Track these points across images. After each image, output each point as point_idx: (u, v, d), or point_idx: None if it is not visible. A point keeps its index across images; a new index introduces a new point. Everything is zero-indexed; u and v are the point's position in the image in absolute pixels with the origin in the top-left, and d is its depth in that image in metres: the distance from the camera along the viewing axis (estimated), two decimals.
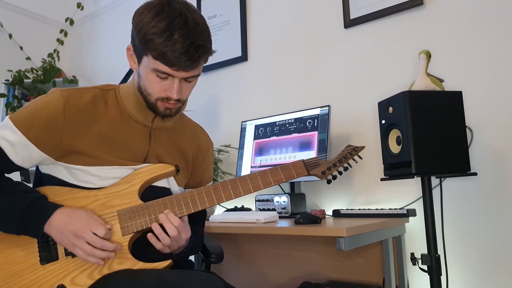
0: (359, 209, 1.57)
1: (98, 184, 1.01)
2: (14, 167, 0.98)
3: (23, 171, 1.13)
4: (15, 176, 1.05)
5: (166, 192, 1.10)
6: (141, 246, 1.02)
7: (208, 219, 1.57)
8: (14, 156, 0.96)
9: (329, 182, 1.08)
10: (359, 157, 1.14)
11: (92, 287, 0.95)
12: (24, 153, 0.96)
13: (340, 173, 1.08)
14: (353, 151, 1.10)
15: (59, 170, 1.01)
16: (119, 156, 1.03)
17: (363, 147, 1.12)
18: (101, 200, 1.00)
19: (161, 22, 0.93)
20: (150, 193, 1.06)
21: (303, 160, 1.07)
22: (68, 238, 0.93)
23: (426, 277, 1.56)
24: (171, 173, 1.08)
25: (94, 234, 0.93)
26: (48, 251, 0.96)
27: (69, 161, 0.99)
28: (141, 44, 0.96)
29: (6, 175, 1.02)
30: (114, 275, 0.96)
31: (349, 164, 1.10)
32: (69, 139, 0.98)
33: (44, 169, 1.04)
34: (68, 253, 0.97)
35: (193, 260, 1.24)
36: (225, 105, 2.35)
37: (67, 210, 0.95)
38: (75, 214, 0.94)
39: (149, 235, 0.98)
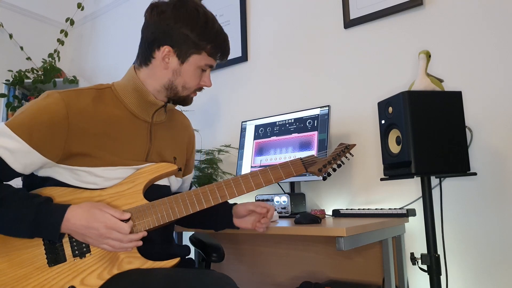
0: (359, 209, 1.57)
1: (102, 184, 1.01)
2: (15, 175, 0.96)
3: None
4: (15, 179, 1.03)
5: (166, 190, 1.13)
6: (144, 243, 1.03)
7: None
8: (15, 164, 0.93)
9: (324, 179, 1.16)
10: (351, 154, 1.21)
11: (103, 287, 0.95)
12: (26, 160, 0.94)
13: (334, 170, 1.16)
14: (345, 149, 1.18)
15: (59, 172, 1.00)
16: (123, 156, 1.03)
17: (354, 145, 1.20)
18: (106, 201, 1.00)
19: (209, 24, 1.07)
20: (151, 191, 1.07)
21: (301, 158, 1.14)
22: (100, 232, 0.93)
23: (426, 277, 1.56)
24: (173, 172, 1.09)
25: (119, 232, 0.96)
26: (56, 253, 0.96)
27: (72, 163, 0.98)
28: (196, 44, 1.06)
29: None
30: (124, 274, 0.97)
31: (342, 162, 1.18)
32: (73, 142, 0.98)
33: (41, 172, 1.01)
34: (76, 254, 0.96)
35: (193, 258, 1.25)
36: (225, 105, 2.35)
37: (81, 206, 0.95)
38: (91, 208, 0.95)
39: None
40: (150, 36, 1.07)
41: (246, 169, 1.94)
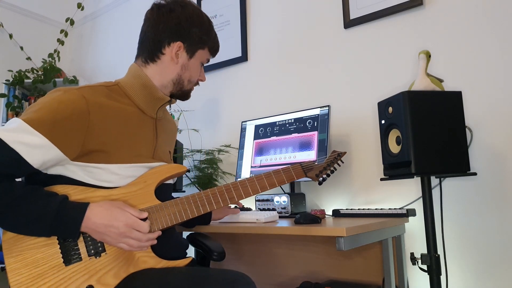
0: (359, 209, 1.57)
1: (116, 183, 1.01)
2: (31, 171, 0.93)
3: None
4: None
5: (170, 187, 1.17)
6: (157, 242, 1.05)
7: None
8: (34, 160, 0.90)
9: (320, 183, 1.22)
10: (341, 161, 1.28)
11: (121, 286, 0.95)
12: (45, 156, 0.92)
13: (328, 175, 1.23)
14: (338, 156, 1.25)
15: (71, 170, 0.98)
16: (135, 153, 1.04)
17: (344, 153, 1.28)
18: (119, 200, 1.01)
19: (211, 22, 1.19)
20: (157, 189, 1.09)
21: (300, 164, 1.20)
22: (120, 230, 0.94)
23: (426, 277, 1.56)
24: (183, 173, 1.12)
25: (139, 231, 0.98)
26: (71, 252, 0.95)
27: (88, 160, 0.98)
28: (202, 40, 1.16)
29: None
30: (141, 273, 0.98)
31: (334, 168, 1.25)
32: (91, 138, 0.97)
33: (52, 170, 0.99)
34: (91, 254, 0.96)
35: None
36: (225, 105, 2.35)
37: (101, 204, 0.95)
38: (112, 207, 0.96)
39: None
40: (160, 34, 1.11)
41: (246, 169, 1.94)
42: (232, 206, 1.68)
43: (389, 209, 1.51)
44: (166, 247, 1.08)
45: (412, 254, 1.33)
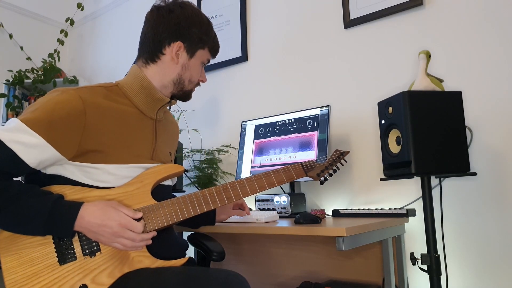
0: (359, 209, 1.58)
1: (113, 183, 1.01)
2: (28, 171, 0.94)
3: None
4: None
5: (169, 188, 1.16)
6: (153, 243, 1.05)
7: None
8: (30, 160, 0.92)
9: (321, 183, 1.20)
10: (345, 160, 1.26)
11: (115, 285, 0.95)
12: (41, 156, 0.93)
13: (330, 175, 1.21)
14: (340, 155, 1.23)
15: (69, 170, 0.99)
16: (133, 154, 1.04)
17: (348, 152, 1.26)
18: (115, 200, 1.01)
19: (210, 23, 1.19)
20: (155, 190, 1.08)
21: (301, 163, 1.18)
22: (114, 230, 0.94)
23: (426, 277, 1.57)
24: (180, 173, 1.12)
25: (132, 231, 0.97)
26: (66, 251, 0.96)
27: (85, 160, 0.98)
28: (202, 40, 1.16)
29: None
30: (135, 273, 0.97)
31: (337, 167, 1.23)
32: (88, 138, 0.98)
33: (50, 170, 1.00)
34: (86, 253, 0.96)
35: (192, 257, 1.25)
36: (225, 105, 2.35)
37: (95, 204, 0.95)
38: (106, 206, 0.96)
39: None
40: (161, 34, 1.12)
41: (246, 169, 1.94)
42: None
43: (389, 209, 1.51)
44: (163, 247, 1.08)
45: (412, 254, 1.33)
